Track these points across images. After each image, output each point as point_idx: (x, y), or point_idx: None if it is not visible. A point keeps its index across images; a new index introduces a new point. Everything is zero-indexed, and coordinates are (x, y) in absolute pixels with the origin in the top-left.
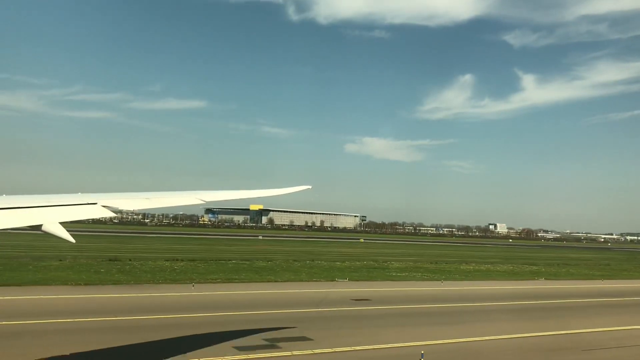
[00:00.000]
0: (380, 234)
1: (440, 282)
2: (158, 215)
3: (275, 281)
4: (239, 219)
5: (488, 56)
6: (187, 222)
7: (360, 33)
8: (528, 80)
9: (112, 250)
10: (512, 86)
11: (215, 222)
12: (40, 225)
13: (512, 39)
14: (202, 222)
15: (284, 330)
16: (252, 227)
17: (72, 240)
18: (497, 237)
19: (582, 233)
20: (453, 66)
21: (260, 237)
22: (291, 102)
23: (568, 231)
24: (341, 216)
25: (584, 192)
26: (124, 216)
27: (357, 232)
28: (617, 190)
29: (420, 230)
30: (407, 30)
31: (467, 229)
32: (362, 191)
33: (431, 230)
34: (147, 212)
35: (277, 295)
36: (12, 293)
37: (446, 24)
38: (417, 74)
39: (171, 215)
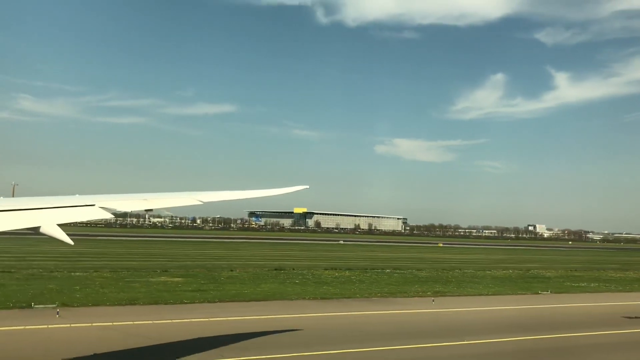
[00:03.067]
0: (430, 236)
1: None
2: (206, 219)
3: (486, 294)
4: (283, 222)
5: (520, 55)
6: (232, 226)
7: (389, 34)
8: (561, 79)
9: (238, 257)
10: (544, 85)
11: (264, 225)
12: (38, 228)
13: (545, 36)
14: (252, 226)
15: None
16: (302, 231)
17: (71, 242)
18: (547, 239)
19: (622, 234)
20: (484, 65)
21: (342, 242)
22: (320, 104)
23: (606, 232)
24: (384, 218)
25: (621, 192)
26: (176, 220)
27: (405, 234)
28: None
29: (471, 232)
30: (436, 30)
31: (506, 230)
32: (394, 192)
33: (473, 232)
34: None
35: (558, 310)
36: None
37: (476, 24)
38: (447, 74)
39: (215, 218)
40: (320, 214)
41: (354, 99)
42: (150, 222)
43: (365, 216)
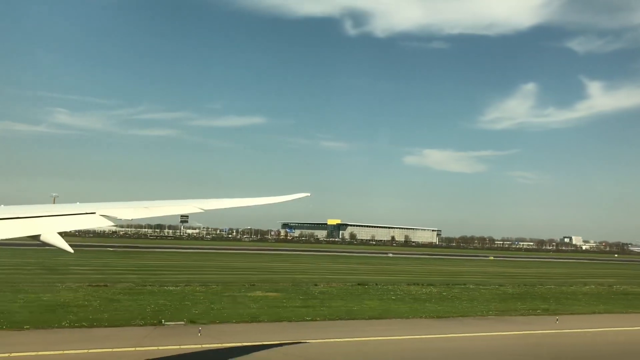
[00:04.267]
0: (469, 249)
1: None
2: (238, 229)
3: (599, 312)
4: (317, 233)
5: (551, 64)
6: (269, 237)
7: (418, 45)
8: (594, 88)
9: (307, 270)
10: (577, 94)
11: (297, 237)
12: (39, 236)
13: (577, 45)
14: (288, 238)
15: None
16: (338, 243)
17: (71, 250)
18: (588, 252)
19: None
20: (515, 75)
21: (390, 255)
22: (349, 115)
23: None
24: (419, 230)
25: None
26: (209, 230)
27: (442, 247)
28: None
29: (510, 245)
30: (466, 40)
31: (541, 242)
32: (425, 204)
33: (508, 243)
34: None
35: None
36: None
37: (507, 33)
38: (477, 84)
39: (244, 229)
40: (355, 225)
41: (383, 110)
42: (186, 233)
43: (400, 228)
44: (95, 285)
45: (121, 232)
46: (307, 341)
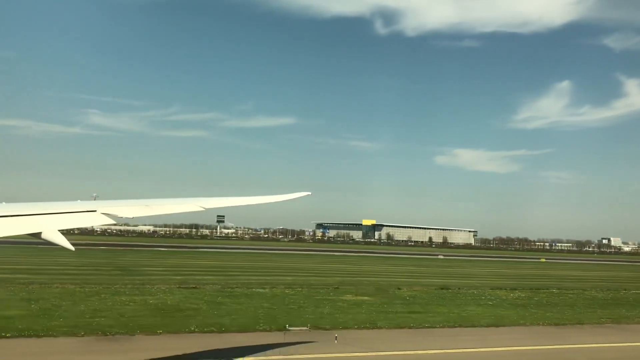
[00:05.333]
0: (510, 250)
1: None
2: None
3: None
4: (352, 234)
5: (586, 61)
6: (305, 238)
7: (449, 43)
8: (632, 85)
9: (373, 273)
10: (614, 92)
11: (332, 237)
12: (40, 233)
13: (613, 42)
14: (324, 238)
15: None
16: (375, 243)
17: (72, 248)
18: (633, 254)
19: None
20: (549, 73)
21: (441, 257)
22: (379, 115)
23: None
24: (455, 231)
25: None
26: (249, 232)
27: (481, 248)
28: None
29: (552, 246)
30: (498, 38)
31: (579, 243)
32: (457, 204)
33: (546, 245)
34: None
35: None
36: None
37: (540, 31)
38: (510, 83)
39: (276, 229)
40: (390, 226)
41: (414, 109)
42: (223, 233)
43: (436, 229)
44: (184, 287)
45: (161, 232)
46: (461, 350)
